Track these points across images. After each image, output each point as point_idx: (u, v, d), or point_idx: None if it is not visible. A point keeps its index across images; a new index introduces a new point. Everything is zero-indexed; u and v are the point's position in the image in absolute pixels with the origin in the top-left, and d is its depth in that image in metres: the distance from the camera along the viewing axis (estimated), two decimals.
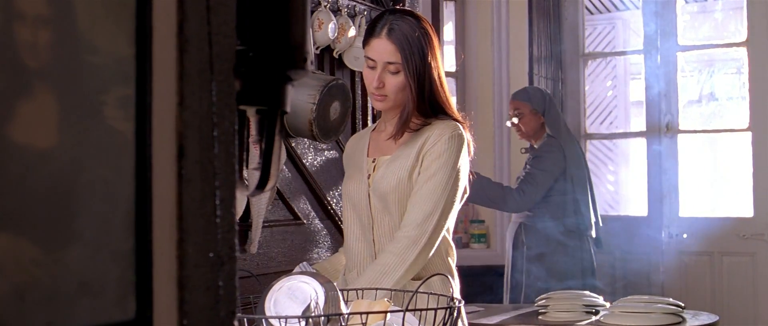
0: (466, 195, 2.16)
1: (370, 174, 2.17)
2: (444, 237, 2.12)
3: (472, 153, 2.18)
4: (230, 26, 1.01)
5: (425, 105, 2.14)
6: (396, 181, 2.10)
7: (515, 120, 4.15)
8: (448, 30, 5.80)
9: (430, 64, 2.12)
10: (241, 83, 1.08)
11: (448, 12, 5.80)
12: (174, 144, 0.92)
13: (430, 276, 1.70)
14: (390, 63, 2.10)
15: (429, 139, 2.10)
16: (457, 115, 2.18)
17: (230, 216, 1.01)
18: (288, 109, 1.11)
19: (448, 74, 5.62)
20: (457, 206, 2.13)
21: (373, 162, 2.19)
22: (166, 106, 0.91)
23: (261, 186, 1.08)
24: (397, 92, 2.12)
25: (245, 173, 1.13)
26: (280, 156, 1.13)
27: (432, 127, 2.13)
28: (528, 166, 4.10)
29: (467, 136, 2.15)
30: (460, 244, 5.37)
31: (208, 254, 0.98)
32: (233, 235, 1.01)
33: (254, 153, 1.14)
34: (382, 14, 2.18)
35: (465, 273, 5.20)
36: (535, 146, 4.18)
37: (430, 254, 2.07)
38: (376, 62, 2.11)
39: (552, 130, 4.09)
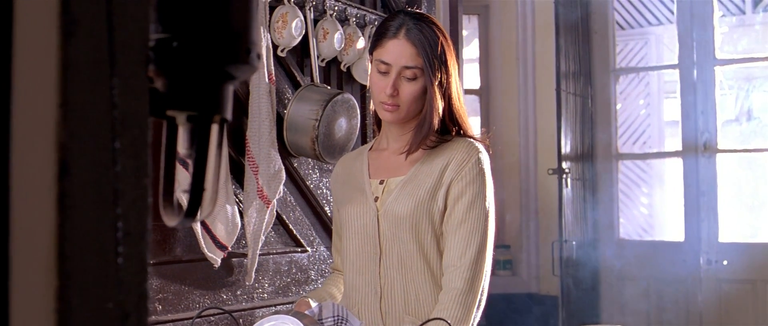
0: None
1: (377, 197, 1.91)
2: None
3: None
4: (142, 6, 0.78)
5: (445, 119, 1.90)
6: (414, 204, 1.85)
7: None
8: (473, 46, 5.57)
9: (450, 72, 1.89)
10: (166, 82, 0.84)
11: (472, 28, 5.57)
12: (52, 159, 0.69)
13: (428, 321, 1.45)
14: (408, 68, 1.85)
15: (453, 160, 1.87)
16: (472, 131, 1.94)
17: (140, 253, 0.77)
18: (228, 115, 0.87)
19: (472, 92, 5.37)
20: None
21: (381, 183, 1.93)
22: (39, 108, 0.68)
23: (190, 213, 0.84)
24: (411, 102, 1.87)
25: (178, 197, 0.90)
26: (217, 175, 0.90)
27: (454, 146, 1.89)
28: None
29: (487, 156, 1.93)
30: None
31: (104, 305, 0.74)
32: (144, 278, 0.78)
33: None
34: (395, 14, 1.93)
35: (490, 301, 4.93)
36: None
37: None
38: (391, 66, 1.86)
39: None
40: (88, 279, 0.71)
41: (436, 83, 1.85)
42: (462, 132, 1.93)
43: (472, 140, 1.91)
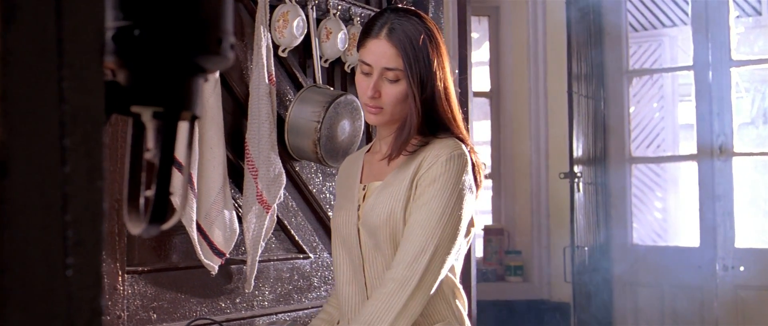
0: (473, 229, 1.81)
1: (359, 204, 1.83)
2: (448, 277, 1.77)
3: (481, 177, 1.82)
4: None
5: (427, 121, 1.79)
6: (387, 213, 1.74)
7: None
8: (483, 49, 5.49)
9: (435, 72, 1.77)
10: (129, 74, 0.77)
11: (483, 30, 5.49)
12: None
13: None
14: (389, 69, 1.76)
15: (424, 161, 1.74)
16: (463, 133, 1.82)
17: (92, 264, 0.70)
18: (198, 111, 0.79)
19: (482, 94, 5.29)
20: (461, 239, 1.74)
21: (364, 189, 1.85)
22: None
23: (156, 218, 0.77)
24: (395, 104, 1.78)
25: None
26: (189, 177, 0.82)
27: (429, 148, 1.77)
28: None
29: (473, 157, 1.78)
30: (495, 277, 5.01)
31: (50, 323, 0.67)
32: (98, 292, 0.70)
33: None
34: (381, 12, 1.85)
35: (501, 308, 4.84)
36: None
37: (426, 298, 1.68)
38: (372, 67, 1.77)
39: None
40: (31, 295, 0.63)
41: (418, 85, 1.76)
42: (451, 133, 1.81)
43: (449, 138, 1.79)
